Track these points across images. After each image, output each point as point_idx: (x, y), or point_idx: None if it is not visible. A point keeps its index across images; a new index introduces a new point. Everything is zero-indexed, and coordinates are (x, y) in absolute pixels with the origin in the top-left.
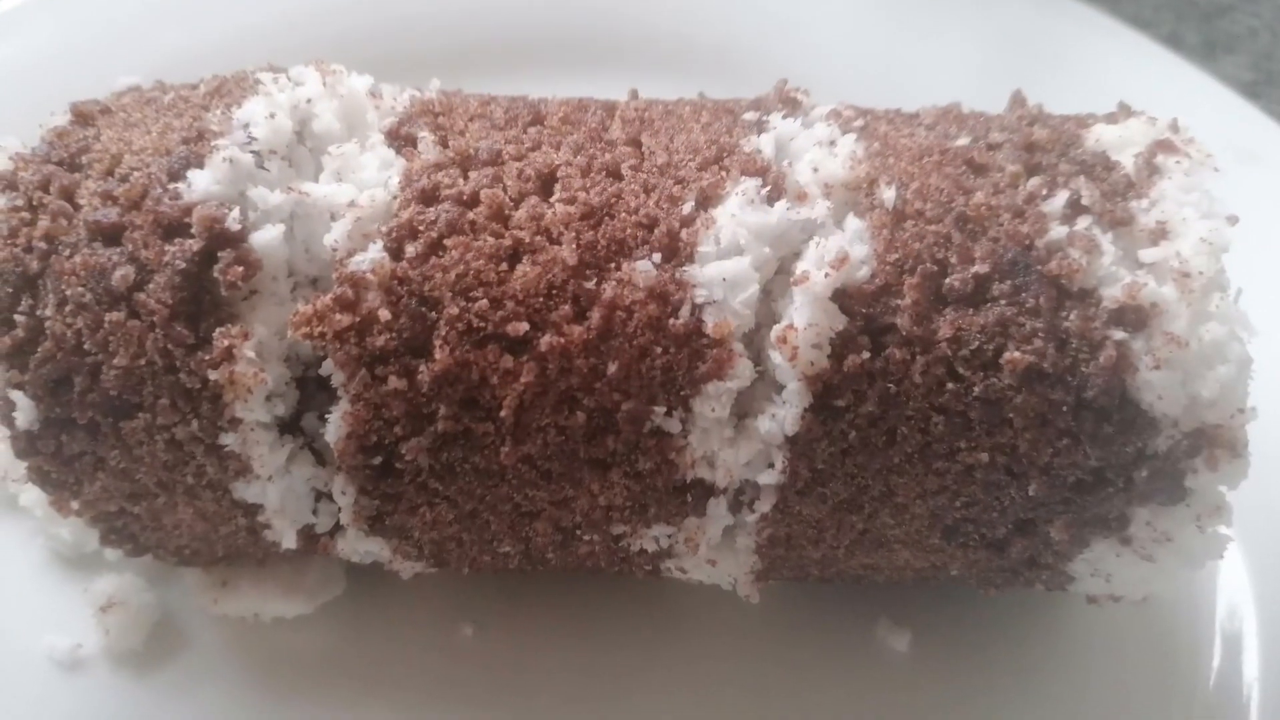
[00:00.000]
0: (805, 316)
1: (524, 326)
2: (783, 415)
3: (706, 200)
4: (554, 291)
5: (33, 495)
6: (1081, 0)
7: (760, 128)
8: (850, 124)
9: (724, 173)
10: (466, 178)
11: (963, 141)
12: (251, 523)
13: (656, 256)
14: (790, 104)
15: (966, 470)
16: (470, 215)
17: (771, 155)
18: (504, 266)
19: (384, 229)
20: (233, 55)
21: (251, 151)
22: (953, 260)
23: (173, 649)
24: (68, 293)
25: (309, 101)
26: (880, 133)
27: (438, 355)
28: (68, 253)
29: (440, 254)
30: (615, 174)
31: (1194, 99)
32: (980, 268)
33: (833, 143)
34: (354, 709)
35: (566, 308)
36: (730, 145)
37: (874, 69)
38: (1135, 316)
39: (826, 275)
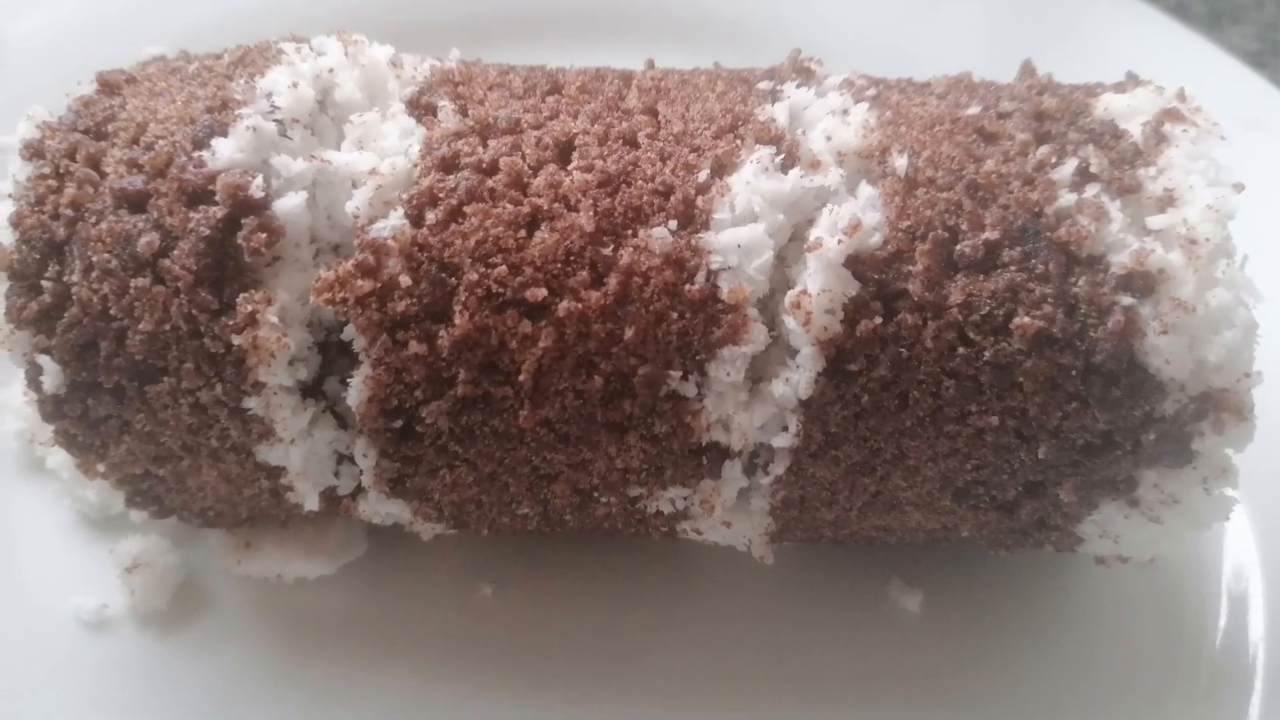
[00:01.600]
0: (819, 282)
1: (542, 292)
2: (796, 379)
3: (722, 168)
4: (571, 258)
5: (59, 458)
6: None
7: (774, 97)
8: (863, 93)
9: (739, 141)
10: (486, 146)
11: (973, 110)
12: (274, 485)
13: (673, 223)
14: (804, 73)
15: (977, 433)
16: (489, 183)
17: (785, 124)
18: (522, 233)
19: (405, 196)
20: (256, 25)
21: (275, 120)
22: (964, 227)
23: (197, 609)
24: (94, 259)
25: (331, 71)
26: (892, 102)
27: (457, 320)
28: (94, 220)
29: (460, 221)
30: (632, 142)
31: (1200, 68)
32: (991, 234)
33: (846, 111)
34: (375, 668)
35: (584, 274)
36: (745, 114)
37: (886, 39)
38: (1143, 282)
39: (840, 242)
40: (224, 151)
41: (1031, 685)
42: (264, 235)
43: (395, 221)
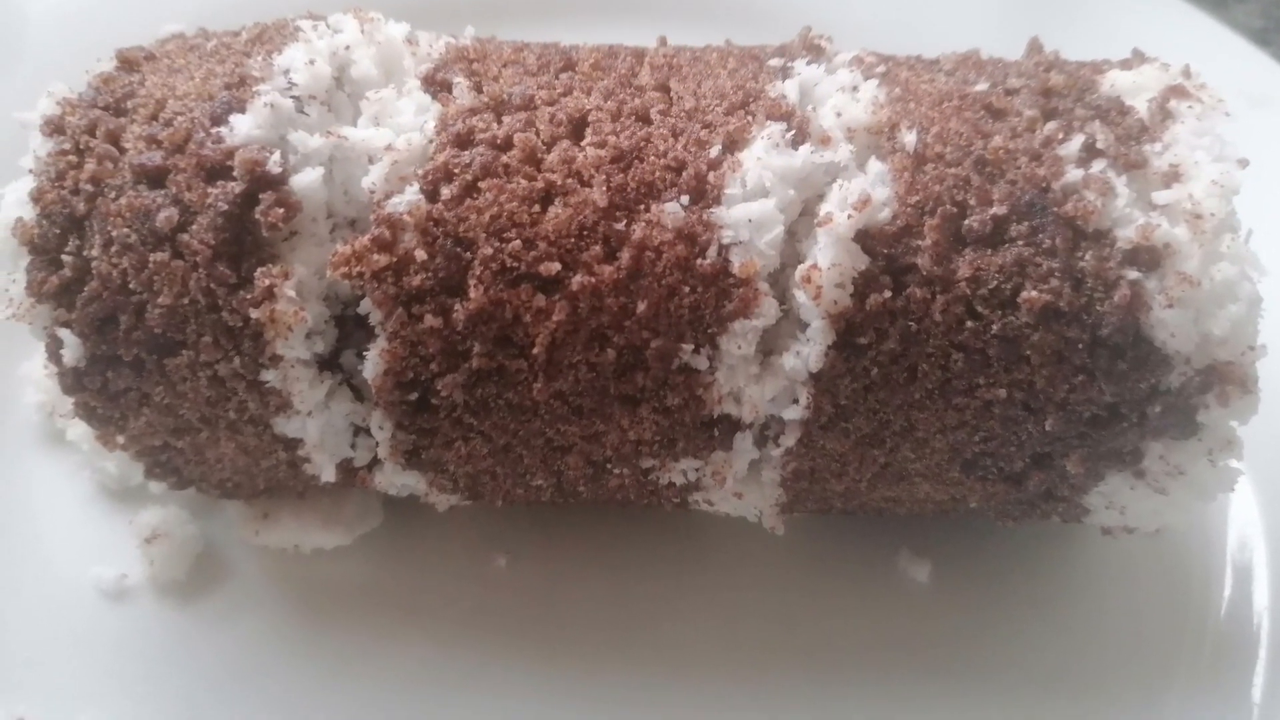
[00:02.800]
0: (829, 257)
1: (556, 266)
2: (807, 353)
3: (733, 144)
4: (585, 232)
5: (80, 430)
6: None
7: (785, 74)
8: (872, 70)
9: (750, 117)
10: (500, 122)
11: (981, 87)
12: (292, 457)
13: (685, 198)
14: (814, 50)
15: (985, 406)
16: (504, 158)
17: (796, 100)
18: (536, 208)
19: (420, 172)
20: (273, 3)
21: (292, 96)
22: (972, 202)
23: (215, 579)
24: (113, 234)
25: (347, 48)
26: (901, 78)
27: (472, 294)
28: (113, 195)
29: (475, 196)
30: (644, 118)
31: (1206, 46)
32: (998, 209)
33: (855, 88)
34: (391, 637)
35: (597, 248)
36: (756, 90)
37: (896, 17)
38: (1149, 257)
39: (849, 217)
40: (242, 128)
41: (1039, 655)
42: (281, 210)
43: (411, 197)
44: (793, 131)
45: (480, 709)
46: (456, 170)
